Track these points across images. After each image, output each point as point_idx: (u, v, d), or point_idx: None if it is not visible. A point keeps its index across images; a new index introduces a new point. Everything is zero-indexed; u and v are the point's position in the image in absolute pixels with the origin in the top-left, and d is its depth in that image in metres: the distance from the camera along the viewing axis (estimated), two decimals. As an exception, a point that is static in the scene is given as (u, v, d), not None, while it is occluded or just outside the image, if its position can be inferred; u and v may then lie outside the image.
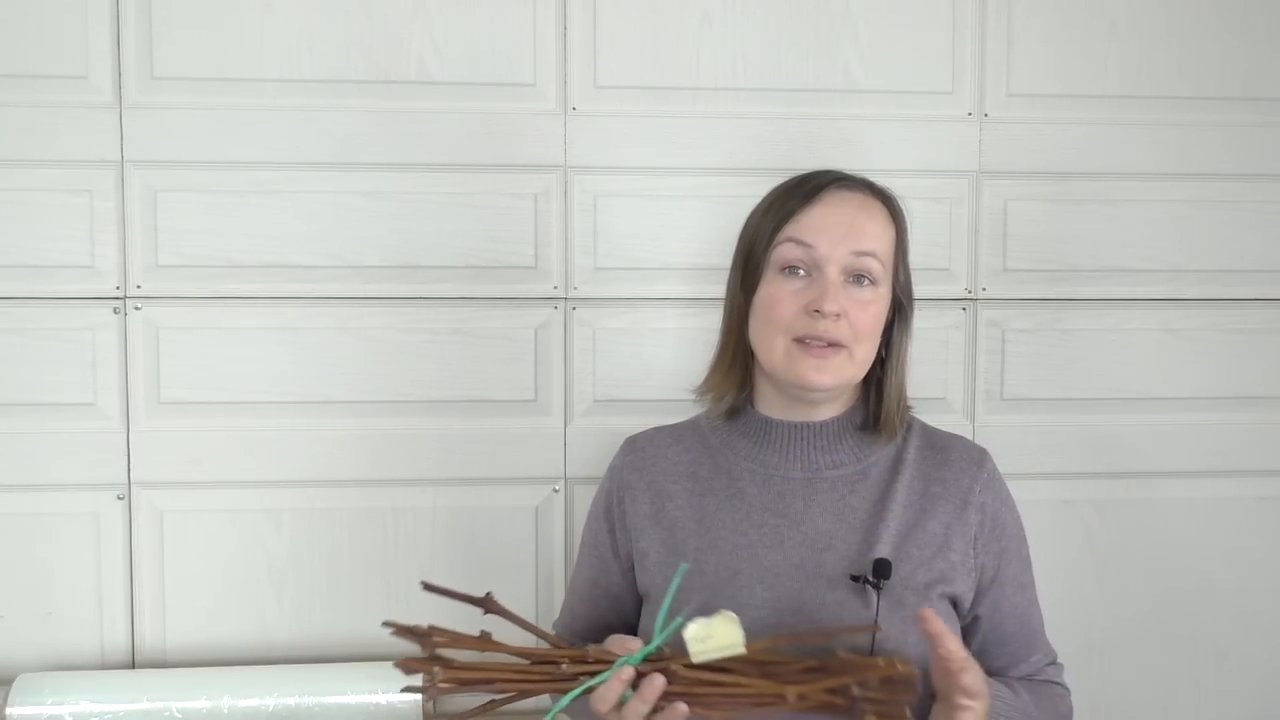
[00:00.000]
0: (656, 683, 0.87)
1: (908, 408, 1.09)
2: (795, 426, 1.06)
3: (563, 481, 1.53)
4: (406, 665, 0.93)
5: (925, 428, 1.11)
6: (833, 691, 0.88)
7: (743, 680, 0.88)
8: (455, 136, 1.50)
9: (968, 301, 1.57)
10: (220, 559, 1.51)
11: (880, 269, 1.02)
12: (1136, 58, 1.57)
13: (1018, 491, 1.11)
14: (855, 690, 0.87)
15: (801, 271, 1.01)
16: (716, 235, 1.11)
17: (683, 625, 0.89)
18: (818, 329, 0.99)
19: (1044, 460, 1.58)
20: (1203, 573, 1.62)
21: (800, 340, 1.00)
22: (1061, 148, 1.56)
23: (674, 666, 0.89)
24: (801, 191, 1.04)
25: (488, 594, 0.96)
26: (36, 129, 1.45)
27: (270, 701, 1.41)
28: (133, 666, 1.50)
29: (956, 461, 1.06)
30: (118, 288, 1.48)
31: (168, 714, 1.40)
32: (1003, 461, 1.09)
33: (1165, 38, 1.57)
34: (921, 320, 1.53)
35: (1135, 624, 1.61)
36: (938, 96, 1.55)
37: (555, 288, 1.52)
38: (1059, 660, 1.10)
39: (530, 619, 1.54)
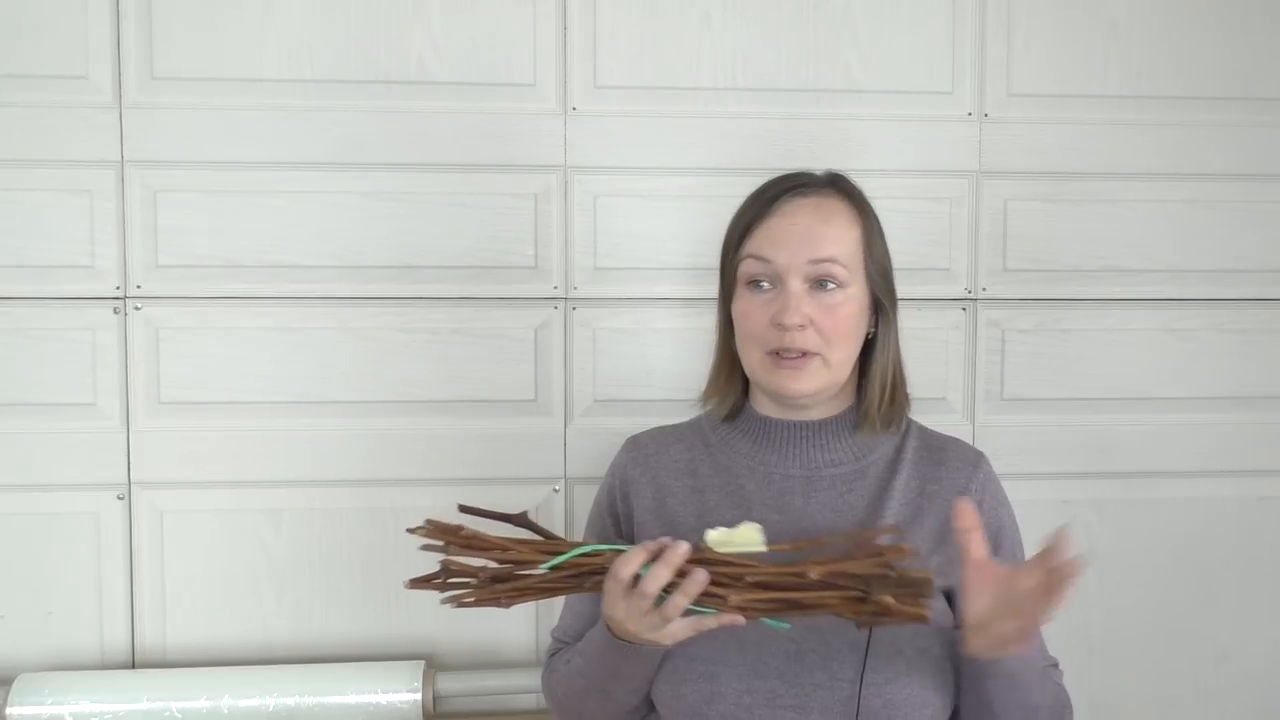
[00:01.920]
0: (699, 577, 0.86)
1: (906, 399, 1.10)
2: (793, 425, 1.07)
3: (563, 481, 1.53)
4: (432, 529, 0.93)
5: (924, 430, 1.12)
6: (851, 581, 0.88)
7: (763, 567, 0.88)
8: (455, 136, 1.50)
9: (968, 301, 1.57)
10: (220, 559, 1.51)
11: (844, 271, 1.02)
12: (1136, 58, 1.57)
13: (1018, 491, 1.11)
14: (878, 569, 0.87)
15: (765, 284, 1.02)
16: (716, 235, 1.11)
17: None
18: (784, 341, 1.00)
19: (1044, 460, 1.58)
20: (1203, 573, 1.62)
21: (774, 352, 1.02)
22: (1061, 148, 1.56)
23: (700, 556, 0.89)
24: (758, 203, 1.04)
25: (523, 512, 0.97)
26: (36, 129, 1.45)
27: (270, 701, 1.41)
28: (133, 666, 1.50)
29: (952, 462, 1.07)
30: (118, 288, 1.48)
31: (168, 714, 1.40)
32: (1003, 461, 1.09)
33: (1165, 38, 1.57)
34: (921, 320, 1.54)
35: (1135, 624, 1.61)
36: (938, 96, 1.55)
37: (555, 288, 1.52)
38: (1059, 666, 1.10)
39: (530, 619, 1.55)
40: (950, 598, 1.03)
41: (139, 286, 1.48)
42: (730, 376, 1.11)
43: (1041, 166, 1.56)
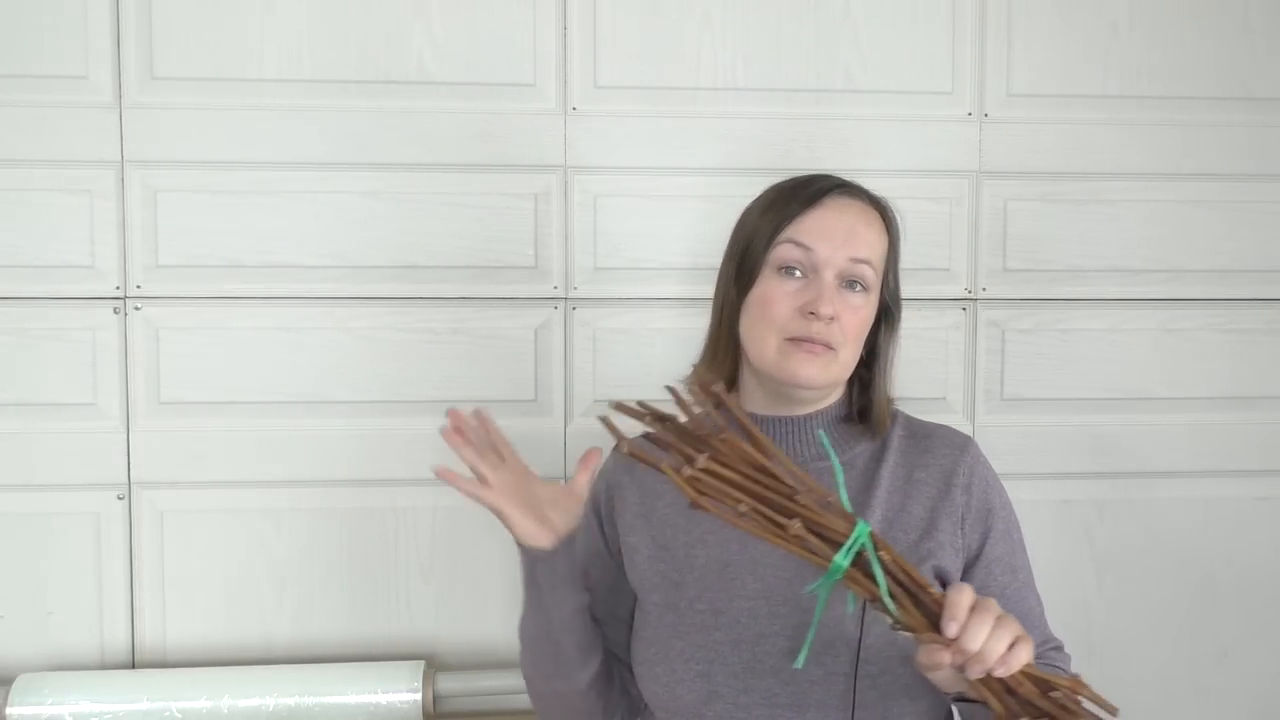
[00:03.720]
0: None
1: (891, 402, 1.11)
2: (781, 421, 1.08)
3: (563, 481, 1.53)
4: (624, 408, 0.85)
5: (909, 419, 1.12)
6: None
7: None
8: (455, 136, 1.50)
9: (968, 301, 1.57)
10: (220, 559, 1.51)
11: (873, 276, 1.04)
12: (1136, 58, 1.57)
13: (1018, 491, 1.11)
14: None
15: (798, 273, 1.03)
16: (716, 235, 1.11)
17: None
18: (810, 330, 1.01)
19: (1044, 460, 1.58)
20: (1203, 573, 1.62)
21: (793, 339, 1.02)
22: (1061, 148, 1.56)
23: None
24: (805, 194, 1.05)
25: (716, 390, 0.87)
26: (36, 129, 1.45)
27: (270, 701, 1.41)
28: (133, 666, 1.50)
29: (939, 447, 1.08)
30: (118, 288, 1.48)
31: (168, 714, 1.40)
32: (1003, 461, 1.09)
33: (1165, 38, 1.57)
34: (921, 320, 1.54)
35: (1135, 624, 1.61)
36: (938, 96, 1.55)
37: (555, 288, 1.52)
38: (1065, 650, 1.10)
39: (530, 619, 1.54)
40: (943, 581, 1.03)
41: (139, 286, 1.48)
42: (721, 363, 1.11)
43: (1041, 166, 1.56)
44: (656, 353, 1.53)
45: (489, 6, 1.50)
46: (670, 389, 0.91)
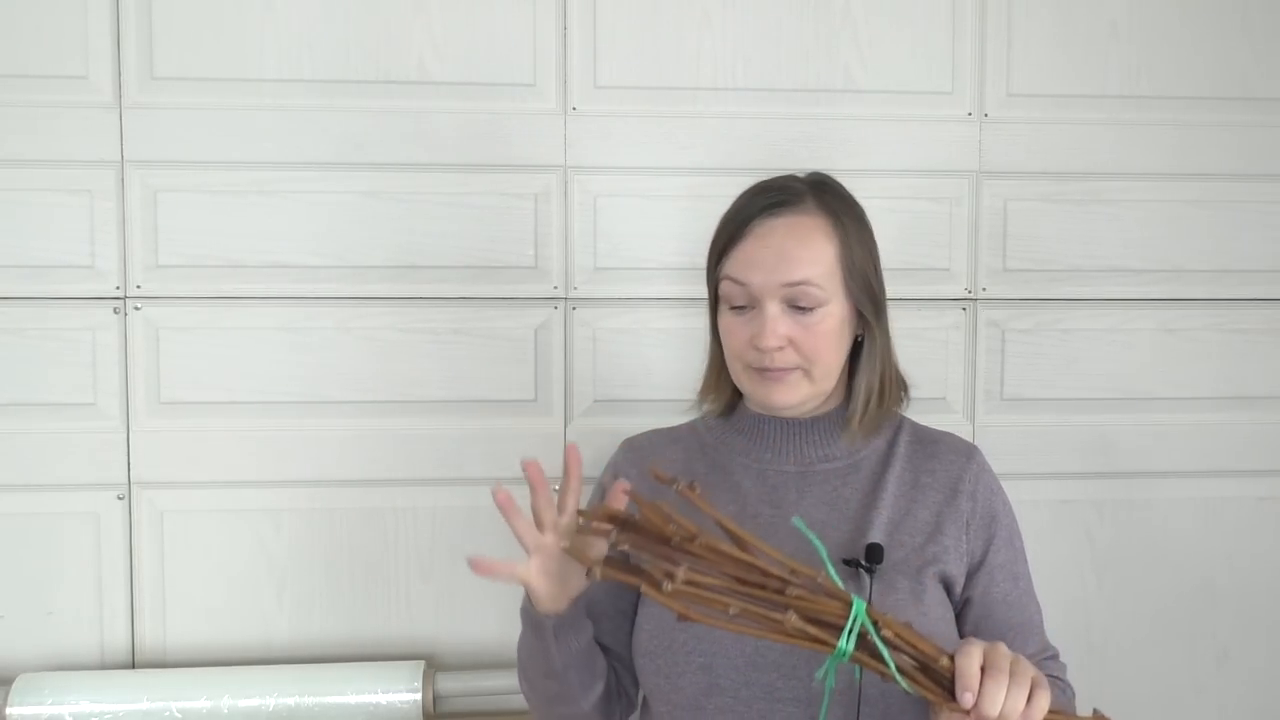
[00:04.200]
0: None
1: (899, 399, 1.10)
2: (786, 423, 1.08)
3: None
4: (591, 514, 0.84)
5: (916, 426, 1.12)
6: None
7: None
8: (455, 136, 1.50)
9: (968, 301, 1.57)
10: (220, 559, 1.51)
11: (820, 292, 1.01)
12: (1136, 58, 1.57)
13: (1018, 492, 1.11)
14: None
15: (744, 305, 1.03)
16: (716, 235, 1.11)
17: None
18: (764, 361, 1.01)
19: (1044, 460, 1.58)
20: (1203, 573, 1.62)
21: (756, 369, 1.03)
22: (1061, 148, 1.56)
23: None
24: (733, 224, 1.04)
25: (693, 482, 0.85)
26: (36, 129, 1.45)
27: (270, 701, 1.41)
28: (133, 666, 1.50)
29: (945, 454, 1.08)
30: (118, 288, 1.48)
31: (168, 714, 1.40)
32: (1003, 461, 1.09)
33: (1165, 38, 1.57)
34: (921, 320, 1.54)
35: (1135, 624, 1.61)
36: (938, 96, 1.55)
37: (555, 288, 1.52)
38: (1061, 659, 1.10)
39: (530, 619, 1.54)
40: (948, 587, 1.03)
41: (139, 286, 1.48)
42: (723, 376, 1.12)
43: (1041, 166, 1.56)
44: (656, 353, 1.53)
45: (489, 6, 1.50)
46: (659, 475, 0.89)
